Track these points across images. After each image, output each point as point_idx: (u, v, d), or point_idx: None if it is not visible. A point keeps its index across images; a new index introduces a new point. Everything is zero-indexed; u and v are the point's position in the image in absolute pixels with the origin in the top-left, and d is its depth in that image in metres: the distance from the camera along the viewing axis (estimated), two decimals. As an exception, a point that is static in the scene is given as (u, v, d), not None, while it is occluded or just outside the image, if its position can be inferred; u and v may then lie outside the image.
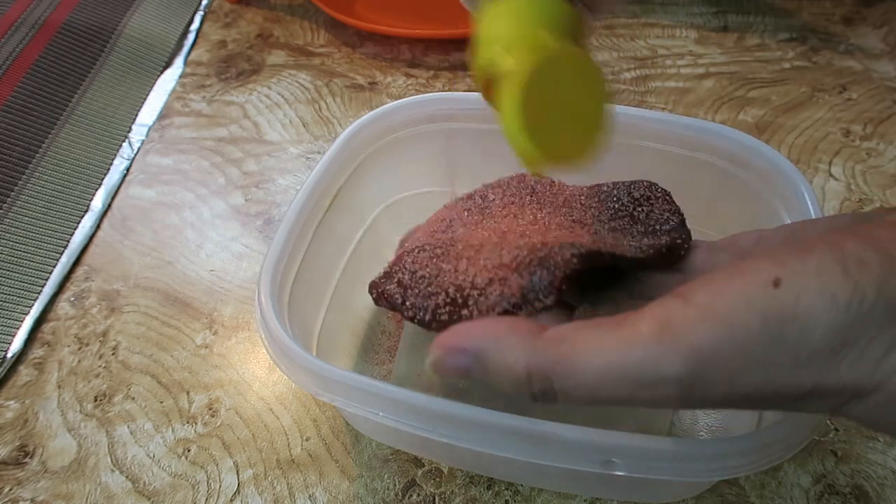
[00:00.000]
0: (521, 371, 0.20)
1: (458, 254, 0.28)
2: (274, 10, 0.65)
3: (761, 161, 0.32)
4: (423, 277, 0.28)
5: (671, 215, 0.29)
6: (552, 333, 0.20)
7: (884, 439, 0.34)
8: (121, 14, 0.61)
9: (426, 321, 0.26)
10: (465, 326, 0.21)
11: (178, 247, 0.45)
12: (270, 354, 0.28)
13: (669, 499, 0.33)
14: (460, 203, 0.33)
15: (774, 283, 0.17)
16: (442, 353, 0.21)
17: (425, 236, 0.31)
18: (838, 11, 0.60)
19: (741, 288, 0.18)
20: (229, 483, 0.34)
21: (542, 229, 0.29)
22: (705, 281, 0.19)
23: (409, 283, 0.28)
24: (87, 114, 0.53)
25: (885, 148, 0.48)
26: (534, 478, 0.33)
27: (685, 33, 0.59)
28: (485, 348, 0.21)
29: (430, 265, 0.28)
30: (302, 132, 0.52)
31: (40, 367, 0.39)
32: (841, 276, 0.17)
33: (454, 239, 0.29)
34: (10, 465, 0.35)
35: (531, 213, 0.30)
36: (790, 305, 0.17)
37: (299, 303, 0.32)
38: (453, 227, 0.31)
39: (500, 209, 0.31)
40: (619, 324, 0.19)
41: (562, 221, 0.29)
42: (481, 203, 0.32)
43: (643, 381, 0.18)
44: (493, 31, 0.24)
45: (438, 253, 0.28)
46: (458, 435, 0.25)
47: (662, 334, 0.18)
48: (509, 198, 0.32)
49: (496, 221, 0.30)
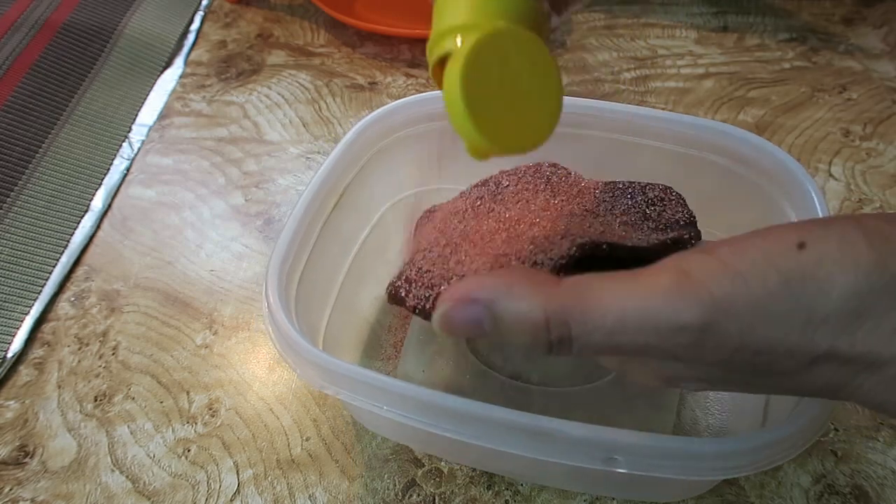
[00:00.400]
0: (538, 317, 0.19)
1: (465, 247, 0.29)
2: (274, 10, 0.65)
3: (767, 160, 0.33)
4: (428, 272, 0.28)
5: (683, 216, 0.29)
6: (571, 281, 0.20)
7: (884, 439, 0.34)
8: (121, 14, 0.61)
9: (426, 310, 0.27)
10: (476, 277, 0.20)
11: (178, 247, 0.45)
12: (277, 348, 0.28)
13: (670, 498, 0.33)
14: (475, 191, 0.33)
15: (799, 245, 0.18)
16: (450, 306, 0.20)
17: (438, 233, 0.31)
18: (838, 11, 0.60)
19: (765, 247, 0.18)
20: (229, 483, 0.34)
21: (553, 216, 0.29)
22: (729, 240, 0.19)
23: (415, 278, 0.29)
24: (87, 114, 0.53)
25: (885, 148, 0.48)
26: (536, 475, 0.33)
27: (685, 33, 0.59)
28: (498, 297, 0.19)
29: (438, 262, 0.29)
30: (302, 132, 0.52)
31: (40, 367, 0.39)
32: (864, 246, 0.17)
33: (465, 231, 0.30)
34: (10, 465, 0.35)
35: (544, 199, 0.30)
36: (812, 266, 0.17)
37: (305, 300, 0.32)
38: (465, 219, 0.31)
39: (513, 195, 0.31)
40: (639, 274, 0.19)
41: (574, 209, 0.29)
42: (494, 189, 0.32)
43: (661, 327, 0.18)
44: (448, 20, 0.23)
45: (447, 252, 0.29)
46: (462, 430, 0.25)
47: (682, 283, 0.18)
48: (524, 184, 0.32)
49: (507, 208, 0.30)
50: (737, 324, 0.18)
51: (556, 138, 0.33)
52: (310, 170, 0.49)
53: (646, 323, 0.18)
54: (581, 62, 0.57)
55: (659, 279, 0.18)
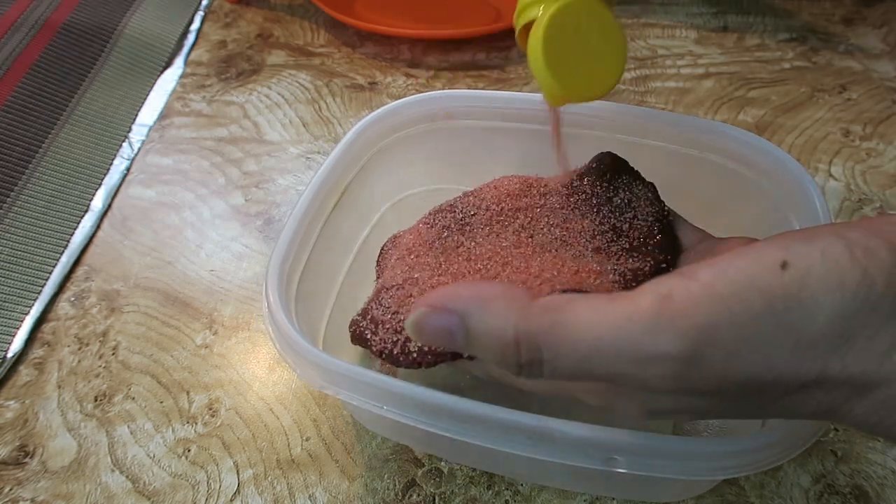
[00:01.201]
0: (509, 337, 0.18)
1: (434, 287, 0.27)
2: (274, 10, 0.65)
3: (768, 160, 0.32)
4: (396, 313, 0.27)
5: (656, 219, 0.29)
6: (545, 301, 0.19)
7: (883, 439, 0.34)
8: (121, 14, 0.61)
9: (394, 354, 0.26)
10: (453, 287, 0.20)
11: (178, 247, 0.45)
12: (277, 348, 0.28)
13: (670, 498, 0.33)
14: (440, 217, 0.32)
15: (782, 265, 0.17)
16: (425, 311, 0.20)
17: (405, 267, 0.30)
18: (838, 11, 0.60)
19: (746, 268, 0.17)
20: (229, 483, 0.34)
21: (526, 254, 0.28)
22: (709, 261, 0.18)
23: (381, 318, 0.27)
24: (87, 114, 0.53)
25: (885, 148, 0.48)
26: (536, 474, 0.33)
27: (685, 33, 0.59)
28: (472, 310, 0.19)
29: (405, 302, 0.28)
30: (302, 132, 0.52)
31: (40, 367, 0.39)
32: (848, 262, 0.16)
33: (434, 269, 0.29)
34: (10, 465, 0.35)
35: (514, 233, 0.30)
36: (795, 288, 0.17)
37: (305, 300, 0.32)
38: (433, 253, 0.30)
39: (482, 226, 0.30)
40: (617, 298, 0.18)
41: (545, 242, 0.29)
42: (461, 218, 0.31)
43: (638, 356, 0.17)
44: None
45: (415, 291, 0.28)
46: (462, 430, 0.25)
47: (662, 310, 0.17)
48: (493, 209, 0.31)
49: (477, 243, 0.29)
50: (721, 352, 0.17)
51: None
52: (310, 170, 0.49)
53: (622, 352, 0.17)
54: (581, 62, 0.57)
55: (638, 305, 0.17)
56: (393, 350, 0.26)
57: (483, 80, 0.56)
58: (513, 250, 0.29)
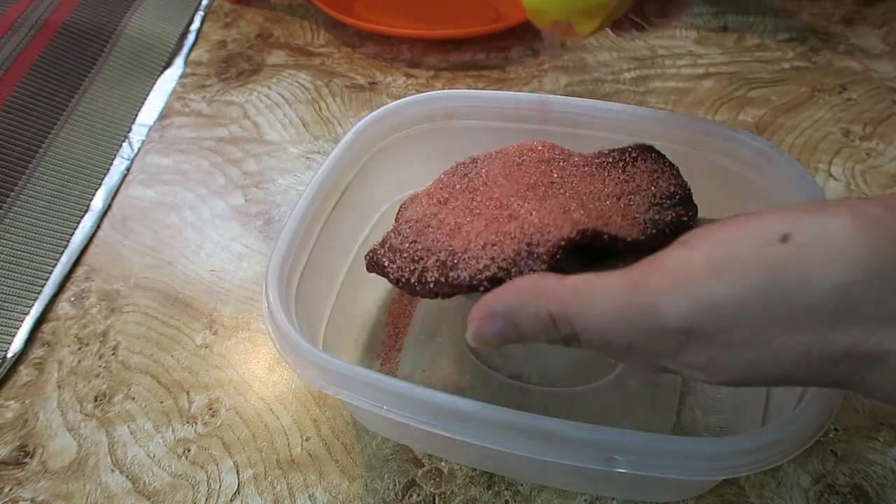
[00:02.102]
0: (547, 320, 0.21)
1: (454, 221, 0.28)
2: (274, 10, 0.65)
3: (768, 160, 0.33)
4: (414, 242, 0.27)
5: (678, 189, 0.29)
6: (570, 281, 0.21)
7: (883, 439, 0.34)
8: (121, 14, 0.61)
9: (411, 283, 0.26)
10: (491, 295, 0.22)
11: (178, 247, 0.45)
12: (277, 348, 0.28)
13: (670, 498, 0.33)
14: (460, 168, 0.32)
15: (782, 238, 0.17)
16: (478, 324, 0.22)
17: (424, 206, 0.30)
18: (838, 11, 0.60)
19: (747, 239, 0.18)
20: (229, 483, 0.34)
21: (550, 193, 0.28)
22: (712, 229, 0.19)
23: (399, 247, 0.27)
24: (87, 114, 0.53)
25: (885, 148, 0.48)
26: (536, 474, 0.33)
27: (685, 33, 0.59)
28: (512, 307, 0.22)
29: (424, 232, 0.28)
30: (302, 132, 0.52)
31: (40, 367, 0.39)
32: (853, 233, 0.17)
33: (456, 207, 0.29)
34: (10, 465, 0.35)
35: (535, 178, 0.29)
36: (793, 259, 0.17)
37: (305, 300, 0.32)
38: (453, 194, 0.30)
39: (503, 175, 0.30)
40: (630, 272, 0.20)
41: (567, 187, 0.29)
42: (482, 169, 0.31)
43: (647, 329, 0.19)
44: None
45: (434, 223, 0.28)
46: (462, 430, 0.25)
47: (666, 284, 0.18)
48: (511, 159, 0.31)
49: (498, 185, 0.29)
50: (720, 324, 0.18)
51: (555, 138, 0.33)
52: (310, 170, 0.49)
53: (633, 325, 0.19)
54: (581, 62, 0.57)
55: (647, 280, 0.19)
56: (410, 279, 0.26)
57: (483, 80, 0.56)
58: (531, 191, 0.28)
